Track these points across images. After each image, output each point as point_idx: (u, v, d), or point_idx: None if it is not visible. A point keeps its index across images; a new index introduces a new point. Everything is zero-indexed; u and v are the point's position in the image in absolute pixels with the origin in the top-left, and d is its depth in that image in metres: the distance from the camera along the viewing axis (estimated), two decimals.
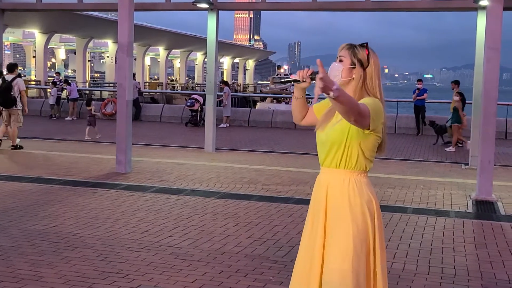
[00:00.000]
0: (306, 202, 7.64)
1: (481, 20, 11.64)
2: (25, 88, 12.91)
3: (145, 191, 8.48)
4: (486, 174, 8.74)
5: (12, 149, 12.39)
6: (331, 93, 2.49)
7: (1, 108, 12.28)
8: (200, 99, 20.21)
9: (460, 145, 15.35)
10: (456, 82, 16.44)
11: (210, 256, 5.44)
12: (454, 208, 7.98)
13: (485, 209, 8.07)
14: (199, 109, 20.19)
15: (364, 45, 2.95)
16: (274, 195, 8.44)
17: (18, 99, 12.38)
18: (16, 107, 12.31)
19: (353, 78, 2.92)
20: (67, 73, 69.64)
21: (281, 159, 12.32)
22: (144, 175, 9.76)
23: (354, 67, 2.91)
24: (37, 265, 5.00)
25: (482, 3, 11.02)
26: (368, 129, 2.80)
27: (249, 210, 7.45)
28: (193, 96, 21.34)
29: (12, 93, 12.18)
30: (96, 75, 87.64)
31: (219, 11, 13.17)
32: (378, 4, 12.14)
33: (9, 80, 12.24)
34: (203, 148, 13.46)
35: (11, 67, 12.51)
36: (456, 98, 15.16)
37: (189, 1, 12.73)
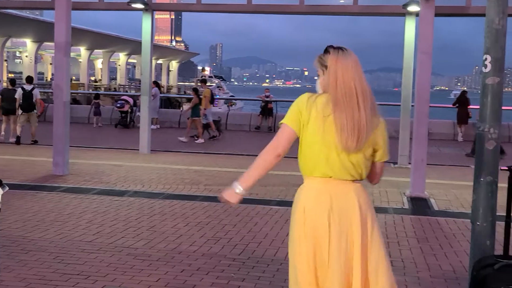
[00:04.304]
0: (250, 201, 7.88)
1: (409, 26, 12.20)
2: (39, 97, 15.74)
3: (87, 193, 8.36)
4: (419, 172, 9.19)
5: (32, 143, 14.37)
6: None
7: (21, 111, 14.58)
8: (130, 100, 19.98)
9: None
10: (203, 81, 18.85)
11: (168, 256, 5.48)
12: (392, 205, 8.35)
13: (420, 205, 8.49)
14: (129, 110, 19.95)
15: (326, 49, 2.98)
16: (218, 195, 8.50)
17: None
18: (34, 111, 14.77)
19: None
20: None
21: (218, 160, 12.41)
22: (83, 177, 9.60)
23: (324, 75, 2.95)
24: None
25: (410, 9, 11.58)
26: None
27: (197, 210, 7.51)
28: (122, 97, 21.06)
29: (33, 100, 14.67)
30: (10, 75, 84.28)
31: (154, 11, 13.13)
32: (312, 8, 12.46)
33: (29, 89, 14.68)
34: (138, 149, 13.34)
35: (29, 79, 15.51)
36: (193, 94, 17.10)
37: (123, 1, 12.61)
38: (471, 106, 19.56)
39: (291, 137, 2.89)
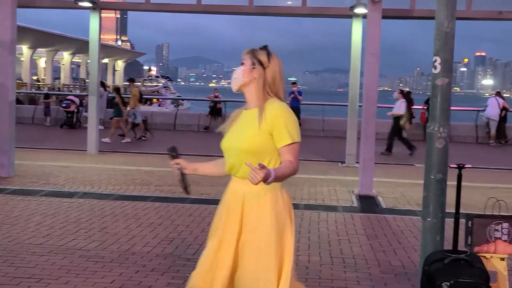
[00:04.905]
0: (203, 201, 7.91)
1: (356, 27, 12.43)
2: None
3: (35, 195, 8.18)
4: (367, 171, 9.39)
5: None
6: (269, 180, 2.66)
7: None
8: (76, 100, 19.61)
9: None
10: (131, 80, 19.01)
11: (121, 257, 5.43)
12: (341, 203, 8.50)
13: (368, 203, 8.69)
14: (75, 110, 19.57)
15: (263, 48, 3.05)
16: (169, 195, 8.49)
17: None
18: None
19: (255, 78, 2.99)
20: None
21: (168, 160, 12.31)
22: (30, 179, 9.38)
23: (254, 68, 2.99)
24: None
25: (357, 11, 11.81)
26: None
27: (149, 211, 7.46)
28: (68, 97, 20.65)
29: None
30: None
31: (102, 10, 12.94)
32: (261, 9, 12.53)
33: None
34: (85, 150, 13.12)
35: None
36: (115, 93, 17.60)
37: None
38: (414, 106, 20.09)
39: None
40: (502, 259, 4.00)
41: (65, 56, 63.56)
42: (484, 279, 3.67)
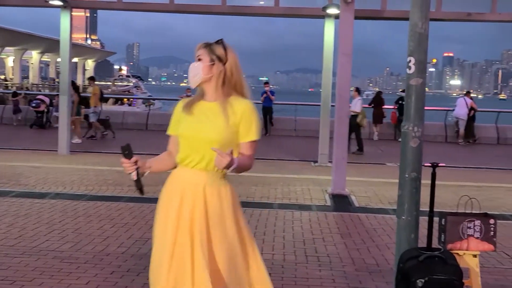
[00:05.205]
0: None
1: (329, 28, 12.52)
2: None
3: (5, 196, 8.05)
4: (340, 170, 9.46)
5: None
6: (231, 169, 2.76)
7: None
8: (46, 99, 19.35)
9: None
10: (91, 78, 18.59)
11: (96, 258, 5.38)
12: (314, 202, 8.56)
13: (341, 202, 8.76)
14: (45, 110, 19.31)
15: (220, 42, 3.03)
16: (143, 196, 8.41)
17: None
18: None
19: (214, 74, 2.97)
20: None
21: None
22: (0, 180, 9.23)
23: (214, 64, 2.97)
24: None
25: (330, 11, 11.90)
26: None
27: (122, 211, 7.41)
28: (38, 96, 20.37)
29: None
30: None
31: (73, 8, 12.79)
32: (234, 9, 12.54)
33: None
34: (57, 150, 12.96)
35: None
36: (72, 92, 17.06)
37: None
38: (385, 106, 20.34)
39: None
40: (475, 256, 4.07)
41: (34, 55, 62.66)
42: (458, 276, 3.74)
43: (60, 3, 12.14)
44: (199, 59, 2.98)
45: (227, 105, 2.92)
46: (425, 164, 3.97)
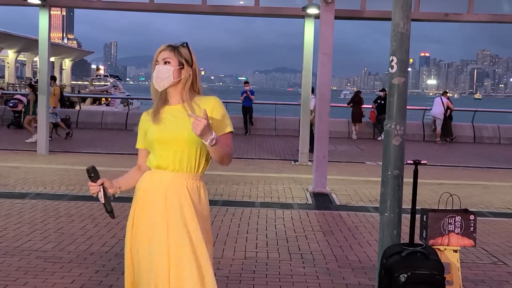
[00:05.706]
0: None
1: (309, 27, 12.61)
2: None
3: None
4: (321, 168, 9.54)
5: None
6: (209, 141, 2.68)
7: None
8: (24, 99, 19.14)
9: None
10: (52, 78, 17.57)
11: (79, 257, 5.38)
12: (296, 201, 8.62)
13: (322, 200, 8.84)
14: (23, 110, 19.10)
15: (185, 45, 3.02)
16: (125, 195, 8.39)
17: None
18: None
19: (182, 78, 2.95)
20: None
21: (121, 160, 12.20)
22: None
23: (183, 67, 2.94)
24: None
25: (310, 11, 11.98)
26: None
27: (104, 211, 7.34)
28: (16, 96, 20.15)
29: None
30: None
31: (51, 7, 12.71)
32: (215, 8, 12.57)
33: None
34: (35, 150, 12.86)
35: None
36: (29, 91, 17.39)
37: None
38: (364, 106, 20.51)
39: None
40: (455, 251, 4.17)
41: (10, 54, 61.89)
42: (439, 271, 3.82)
43: (39, 2, 12.05)
44: (166, 62, 2.94)
45: (193, 106, 2.91)
46: (408, 162, 4.05)
